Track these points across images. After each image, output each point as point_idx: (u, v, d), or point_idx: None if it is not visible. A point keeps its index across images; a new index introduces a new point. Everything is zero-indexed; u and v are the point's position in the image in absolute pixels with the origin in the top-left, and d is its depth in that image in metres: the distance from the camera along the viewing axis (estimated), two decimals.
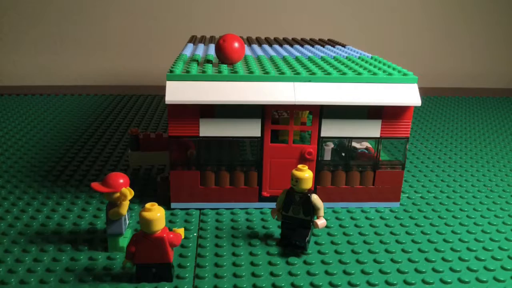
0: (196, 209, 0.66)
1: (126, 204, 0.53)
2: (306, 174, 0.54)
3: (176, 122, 0.61)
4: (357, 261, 0.54)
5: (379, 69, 0.67)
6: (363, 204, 0.67)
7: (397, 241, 0.58)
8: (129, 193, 0.52)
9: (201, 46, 0.84)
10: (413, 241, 0.59)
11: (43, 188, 0.70)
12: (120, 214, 0.53)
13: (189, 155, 0.64)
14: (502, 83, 1.51)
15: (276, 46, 0.88)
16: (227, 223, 0.62)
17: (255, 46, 0.88)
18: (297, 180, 0.54)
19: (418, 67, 1.27)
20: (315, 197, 0.54)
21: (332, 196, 0.67)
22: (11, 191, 0.69)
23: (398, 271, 0.52)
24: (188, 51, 0.78)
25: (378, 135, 0.64)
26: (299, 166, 0.54)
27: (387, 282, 0.50)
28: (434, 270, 0.53)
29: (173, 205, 0.65)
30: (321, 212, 0.55)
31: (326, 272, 0.52)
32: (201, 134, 0.62)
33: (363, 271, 0.52)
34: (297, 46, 0.88)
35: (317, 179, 0.66)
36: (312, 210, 0.54)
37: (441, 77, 1.47)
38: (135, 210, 0.64)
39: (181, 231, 0.51)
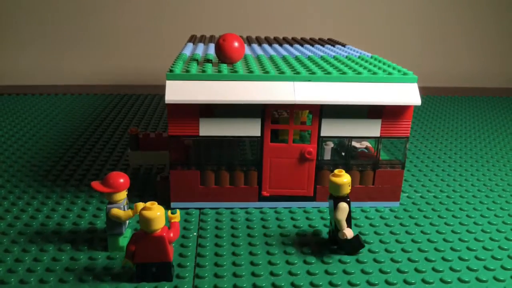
0: (196, 208, 0.65)
1: (128, 214, 0.53)
2: (345, 179, 0.54)
3: (176, 122, 0.61)
4: (357, 260, 0.54)
5: (379, 68, 0.67)
6: (363, 204, 0.67)
7: (397, 241, 0.58)
8: (135, 212, 0.52)
9: (200, 46, 0.84)
10: (413, 240, 0.58)
11: (43, 188, 0.70)
12: (120, 219, 0.52)
13: (186, 144, 0.63)
14: (502, 83, 1.51)
15: (276, 46, 0.88)
16: (227, 222, 0.62)
17: (255, 46, 0.88)
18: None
19: (418, 67, 1.26)
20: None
21: None
22: (11, 191, 0.69)
23: (398, 270, 0.52)
24: (188, 50, 0.78)
25: (378, 135, 0.64)
26: (336, 171, 0.54)
27: (387, 282, 0.50)
28: (434, 269, 0.53)
29: (173, 204, 0.65)
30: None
31: (326, 272, 0.52)
32: (201, 134, 0.62)
33: (363, 271, 0.52)
34: (297, 46, 0.88)
35: (317, 178, 0.66)
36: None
37: (441, 76, 1.47)
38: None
39: (176, 217, 0.50)
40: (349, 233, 0.53)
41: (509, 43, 1.47)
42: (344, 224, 0.53)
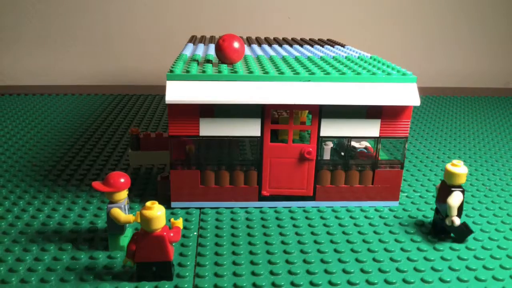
0: (196, 208, 0.66)
1: (128, 219, 0.53)
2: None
3: (176, 122, 0.61)
4: (356, 260, 0.54)
5: (378, 68, 0.67)
6: (362, 203, 0.67)
7: (396, 240, 0.59)
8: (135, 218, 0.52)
9: (201, 46, 0.84)
10: (411, 240, 0.59)
11: (43, 188, 0.70)
12: (118, 221, 0.52)
13: (187, 150, 0.64)
14: (501, 83, 1.51)
15: (276, 46, 0.88)
16: (227, 222, 0.62)
17: (255, 46, 0.88)
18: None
19: (417, 67, 1.27)
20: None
21: (331, 195, 0.67)
22: (12, 191, 0.69)
23: (397, 270, 0.53)
24: (188, 51, 0.78)
25: (377, 135, 0.65)
26: (455, 161, 0.57)
27: (386, 281, 0.51)
28: (433, 269, 0.53)
29: (173, 204, 0.66)
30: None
31: (326, 271, 0.52)
32: (201, 134, 0.62)
33: (362, 270, 0.52)
34: (297, 46, 0.89)
35: (316, 178, 0.66)
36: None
37: (440, 76, 1.47)
38: (135, 209, 0.65)
39: (179, 222, 0.51)
40: (457, 220, 0.57)
41: (509, 43, 1.47)
42: (455, 211, 0.56)
